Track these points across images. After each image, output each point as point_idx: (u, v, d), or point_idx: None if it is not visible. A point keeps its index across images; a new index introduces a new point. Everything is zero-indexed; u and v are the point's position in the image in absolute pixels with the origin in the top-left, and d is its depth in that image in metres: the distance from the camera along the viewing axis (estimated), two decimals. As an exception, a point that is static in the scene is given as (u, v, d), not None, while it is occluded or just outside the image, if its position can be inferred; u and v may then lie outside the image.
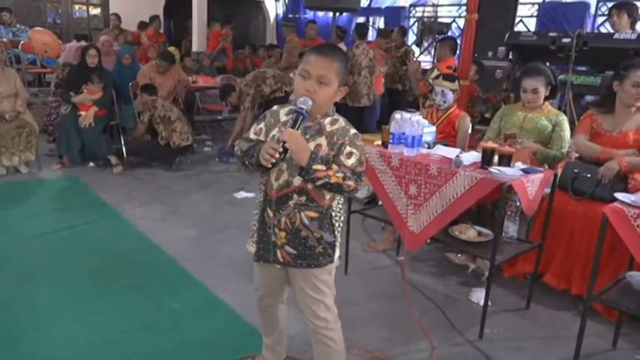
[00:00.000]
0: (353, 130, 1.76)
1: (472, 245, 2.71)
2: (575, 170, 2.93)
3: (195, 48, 8.76)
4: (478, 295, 2.94)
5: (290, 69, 6.91)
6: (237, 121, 5.87)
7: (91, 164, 5.38)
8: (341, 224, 1.86)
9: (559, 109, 3.64)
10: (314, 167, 1.63)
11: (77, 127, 5.15)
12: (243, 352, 2.30)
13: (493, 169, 2.49)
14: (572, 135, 3.25)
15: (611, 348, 2.54)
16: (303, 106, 1.65)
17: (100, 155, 5.29)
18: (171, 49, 7.65)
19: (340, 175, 1.66)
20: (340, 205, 1.86)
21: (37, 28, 7.80)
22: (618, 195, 2.20)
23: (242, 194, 4.69)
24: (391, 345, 2.47)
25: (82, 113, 5.16)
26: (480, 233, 2.79)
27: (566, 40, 3.96)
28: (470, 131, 3.80)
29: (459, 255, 3.31)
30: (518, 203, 2.71)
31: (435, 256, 3.50)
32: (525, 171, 2.57)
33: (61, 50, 7.37)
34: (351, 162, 1.70)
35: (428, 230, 2.74)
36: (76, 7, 10.74)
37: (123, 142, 5.59)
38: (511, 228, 2.76)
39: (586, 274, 2.78)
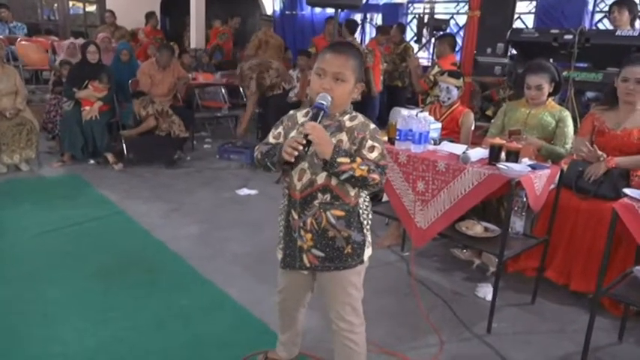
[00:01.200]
0: (372, 125, 1.74)
1: (479, 241, 2.73)
2: (580, 168, 2.95)
3: (193, 45, 8.74)
4: (484, 290, 2.97)
5: (249, 58, 6.85)
6: (246, 108, 5.85)
7: (92, 161, 5.38)
8: (370, 222, 1.84)
9: (560, 105, 3.66)
10: (338, 160, 1.60)
11: (80, 123, 5.16)
12: (255, 348, 2.30)
13: (501, 165, 2.51)
14: (575, 131, 3.27)
15: (617, 342, 2.56)
16: (323, 102, 1.65)
17: (102, 149, 5.30)
18: (172, 44, 7.61)
19: (365, 167, 1.63)
20: (367, 203, 1.83)
21: (23, 42, 7.73)
22: (627, 190, 2.22)
23: (244, 191, 4.70)
24: (400, 340, 2.48)
25: (87, 108, 5.16)
26: (486, 229, 2.80)
27: (568, 36, 3.97)
28: (472, 127, 3.82)
29: (464, 251, 3.33)
30: (524, 199, 2.73)
31: (439, 252, 3.52)
32: (532, 167, 2.59)
33: (59, 49, 7.33)
34: (374, 155, 1.68)
35: (435, 226, 2.75)
36: (71, 3, 10.67)
37: (123, 140, 5.57)
38: (517, 224, 2.79)
39: (587, 271, 2.81)
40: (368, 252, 1.85)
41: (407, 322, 2.64)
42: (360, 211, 1.79)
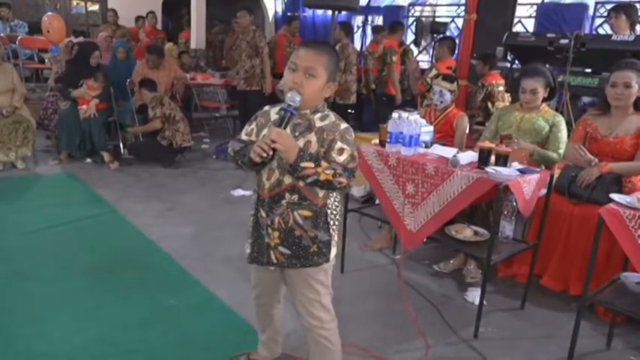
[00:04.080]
0: (344, 125, 1.73)
1: (468, 245, 2.72)
2: (572, 174, 2.94)
3: (193, 45, 8.73)
4: (473, 295, 2.95)
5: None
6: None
7: (88, 160, 5.40)
8: (337, 222, 1.85)
9: (556, 110, 3.65)
10: (302, 165, 1.62)
11: (78, 121, 5.18)
12: (240, 349, 2.30)
13: (489, 168, 2.50)
14: (568, 136, 3.26)
15: (605, 348, 2.55)
16: (290, 103, 1.64)
17: (99, 147, 5.31)
18: (169, 45, 7.63)
19: (330, 172, 1.63)
20: (337, 204, 1.84)
21: (50, 13, 7.71)
22: (614, 196, 2.21)
23: (239, 192, 4.70)
24: (386, 343, 2.48)
25: (83, 107, 5.18)
26: (476, 233, 2.79)
27: (564, 41, 3.96)
28: (467, 131, 3.81)
29: (445, 265, 3.33)
30: (514, 203, 2.72)
31: (430, 256, 3.51)
32: (522, 171, 2.58)
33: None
34: (342, 158, 1.68)
35: (425, 229, 2.75)
36: (74, 2, 10.70)
37: (120, 139, 5.58)
38: (507, 228, 2.77)
39: (584, 276, 2.78)
40: (334, 251, 1.87)
41: (394, 325, 2.64)
42: (328, 212, 1.80)
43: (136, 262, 3.20)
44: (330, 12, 8.77)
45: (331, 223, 1.82)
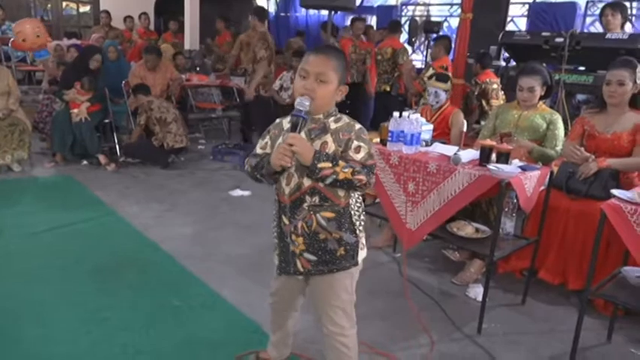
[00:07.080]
0: (358, 125, 1.74)
1: (470, 242, 2.74)
2: (570, 170, 2.98)
3: (187, 46, 8.72)
4: (475, 291, 2.99)
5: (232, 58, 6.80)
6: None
7: (84, 162, 5.37)
8: (362, 223, 1.83)
9: (551, 107, 3.69)
10: (319, 165, 1.62)
11: (69, 124, 5.15)
12: (246, 348, 2.31)
13: (492, 166, 2.53)
14: (565, 134, 3.30)
15: (605, 341, 2.59)
16: (301, 108, 1.64)
17: (91, 151, 5.29)
18: (165, 46, 7.61)
19: (348, 170, 1.63)
20: (359, 203, 1.82)
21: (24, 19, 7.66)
22: (615, 191, 2.25)
23: (238, 192, 4.70)
24: (391, 340, 2.50)
25: (75, 110, 5.14)
26: (477, 230, 2.82)
27: (559, 39, 4.01)
28: (465, 129, 3.84)
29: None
30: (515, 200, 2.75)
31: (431, 253, 3.54)
32: (523, 168, 2.62)
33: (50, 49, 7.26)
34: (360, 156, 1.68)
35: (425, 227, 2.77)
36: (65, 4, 10.64)
37: (116, 141, 5.57)
38: (508, 224, 2.81)
39: (582, 270, 2.84)
40: (362, 254, 1.84)
41: (398, 323, 2.66)
42: (352, 212, 1.78)
43: (137, 263, 3.20)
44: (323, 12, 8.83)
45: (357, 224, 1.79)
